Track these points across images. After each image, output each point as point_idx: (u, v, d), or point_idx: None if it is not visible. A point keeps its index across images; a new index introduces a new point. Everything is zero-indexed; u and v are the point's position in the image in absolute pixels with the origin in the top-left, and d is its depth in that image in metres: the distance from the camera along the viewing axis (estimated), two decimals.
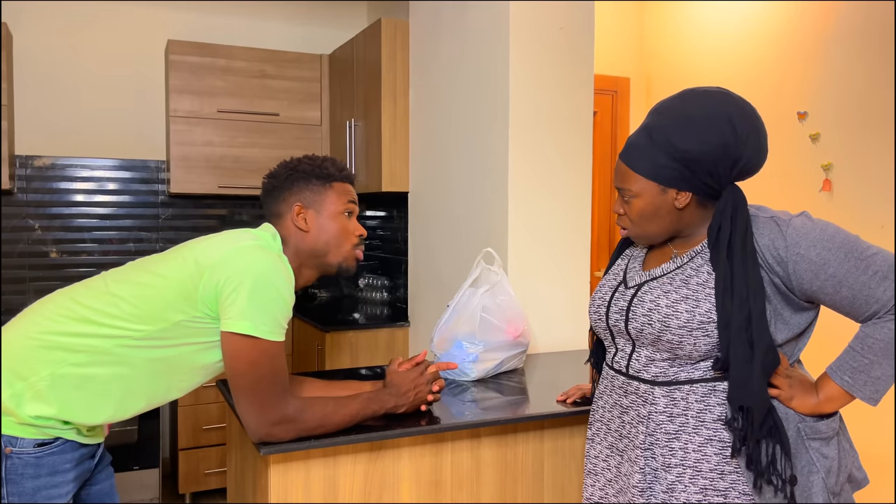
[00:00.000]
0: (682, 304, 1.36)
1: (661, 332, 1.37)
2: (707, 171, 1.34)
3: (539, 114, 2.54)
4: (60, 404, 1.46)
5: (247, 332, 1.44)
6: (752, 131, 1.34)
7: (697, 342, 1.34)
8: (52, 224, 3.69)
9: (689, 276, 1.39)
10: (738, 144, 1.33)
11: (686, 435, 1.37)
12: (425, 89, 3.13)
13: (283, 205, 1.66)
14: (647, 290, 1.43)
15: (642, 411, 1.43)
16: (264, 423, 1.48)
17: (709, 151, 1.33)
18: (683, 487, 1.37)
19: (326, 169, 1.68)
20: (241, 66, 3.71)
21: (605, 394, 1.54)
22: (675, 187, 1.37)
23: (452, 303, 2.19)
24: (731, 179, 1.37)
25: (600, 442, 1.55)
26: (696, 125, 1.33)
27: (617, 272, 1.56)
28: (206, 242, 1.56)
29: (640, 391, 1.44)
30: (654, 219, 1.41)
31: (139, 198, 3.86)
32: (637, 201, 1.41)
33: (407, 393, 1.68)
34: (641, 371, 1.44)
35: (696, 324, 1.34)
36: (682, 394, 1.39)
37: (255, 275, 1.45)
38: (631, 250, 1.59)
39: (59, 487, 1.50)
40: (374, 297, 3.87)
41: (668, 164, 1.35)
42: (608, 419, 1.52)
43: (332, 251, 1.67)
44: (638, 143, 1.40)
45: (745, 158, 1.34)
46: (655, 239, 1.46)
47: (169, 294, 1.49)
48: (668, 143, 1.35)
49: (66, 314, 1.50)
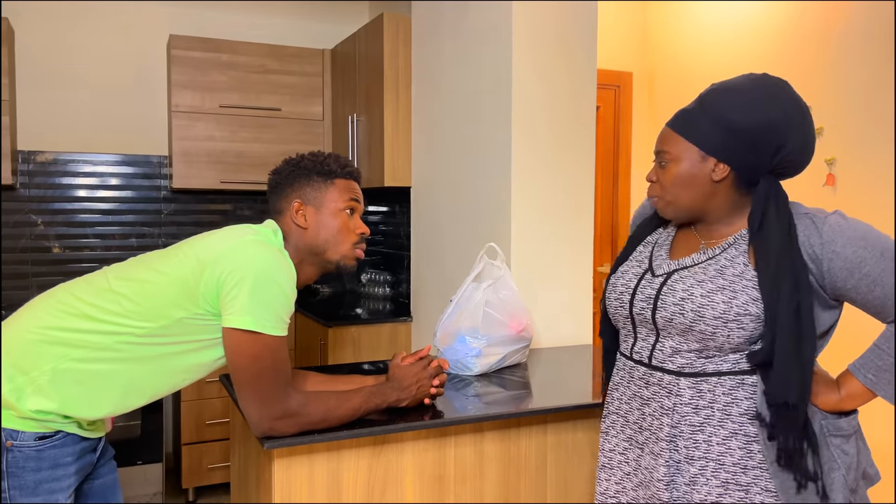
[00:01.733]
0: (718, 294, 1.34)
1: (693, 321, 1.35)
2: (750, 148, 1.33)
3: (542, 108, 2.53)
4: (61, 399, 1.46)
5: (249, 327, 1.44)
6: (802, 123, 1.34)
7: (732, 334, 1.32)
8: (54, 219, 3.69)
9: (724, 267, 1.37)
10: (787, 130, 1.32)
11: (711, 427, 1.36)
12: (427, 84, 3.12)
13: (284, 201, 1.66)
14: (679, 278, 1.40)
15: (666, 403, 1.40)
16: (267, 418, 1.48)
17: (756, 126, 1.32)
18: (705, 480, 1.36)
19: (328, 165, 1.67)
20: (243, 61, 3.70)
21: (622, 385, 1.51)
22: (716, 156, 1.36)
23: (455, 298, 2.19)
24: (772, 167, 1.36)
25: (616, 435, 1.52)
26: (749, 98, 1.33)
27: (641, 259, 1.52)
28: (208, 239, 1.55)
29: (664, 382, 1.41)
30: (688, 187, 1.39)
31: (141, 193, 3.86)
32: (674, 166, 1.39)
33: (409, 387, 1.68)
34: (666, 361, 1.41)
35: (733, 315, 1.32)
36: (709, 386, 1.37)
37: (256, 270, 1.45)
38: (653, 236, 1.56)
39: (60, 481, 1.50)
40: (377, 292, 3.87)
41: (714, 131, 1.35)
42: (626, 411, 1.50)
43: (331, 249, 1.65)
44: (688, 110, 1.40)
45: (789, 146, 1.33)
46: (683, 211, 1.43)
47: (170, 291, 1.49)
48: (718, 111, 1.35)
49: (67, 310, 1.50)
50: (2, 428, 1.45)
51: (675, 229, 1.53)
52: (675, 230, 1.53)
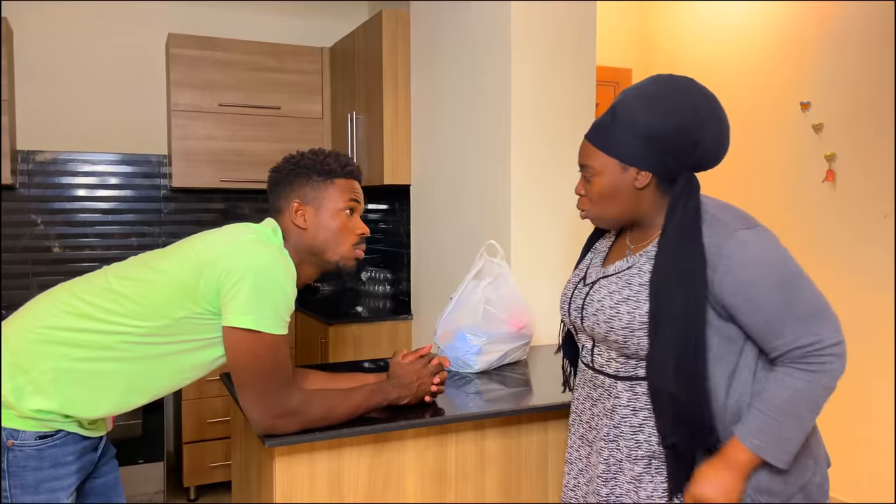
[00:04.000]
0: (623, 305, 1.37)
1: (607, 332, 1.40)
2: (666, 150, 1.34)
3: (541, 105, 2.53)
4: (62, 398, 1.47)
5: (249, 326, 1.44)
6: (713, 118, 1.35)
7: (641, 342, 1.35)
8: (54, 219, 3.69)
9: (633, 276, 1.40)
10: (699, 127, 1.33)
11: (650, 428, 1.39)
12: (426, 81, 3.12)
13: (283, 200, 1.65)
14: (598, 288, 1.45)
15: (607, 404, 1.45)
16: (268, 416, 1.48)
17: (669, 129, 1.33)
18: (651, 478, 1.39)
19: (328, 165, 1.65)
20: (241, 59, 3.70)
21: (580, 385, 1.57)
22: (636, 165, 1.37)
23: (455, 295, 2.19)
24: (691, 165, 1.37)
25: (574, 432, 1.57)
26: (658, 103, 1.35)
27: (582, 268, 1.58)
28: (207, 238, 1.55)
29: (606, 385, 1.46)
30: (614, 198, 1.41)
31: (141, 192, 3.86)
32: (598, 179, 1.41)
33: (410, 384, 1.68)
34: (605, 366, 1.46)
35: (637, 325, 1.35)
36: (643, 388, 1.39)
37: (256, 269, 1.45)
38: (599, 244, 1.60)
39: (61, 480, 1.50)
40: (377, 291, 3.87)
41: (630, 141, 1.36)
42: (580, 410, 1.55)
43: (331, 249, 1.64)
44: (603, 122, 1.41)
45: (704, 143, 1.35)
46: (613, 222, 1.46)
47: (170, 291, 1.49)
48: (631, 120, 1.36)
49: (67, 309, 1.50)
50: (2, 427, 1.45)
51: (614, 236, 1.56)
52: (614, 237, 1.56)
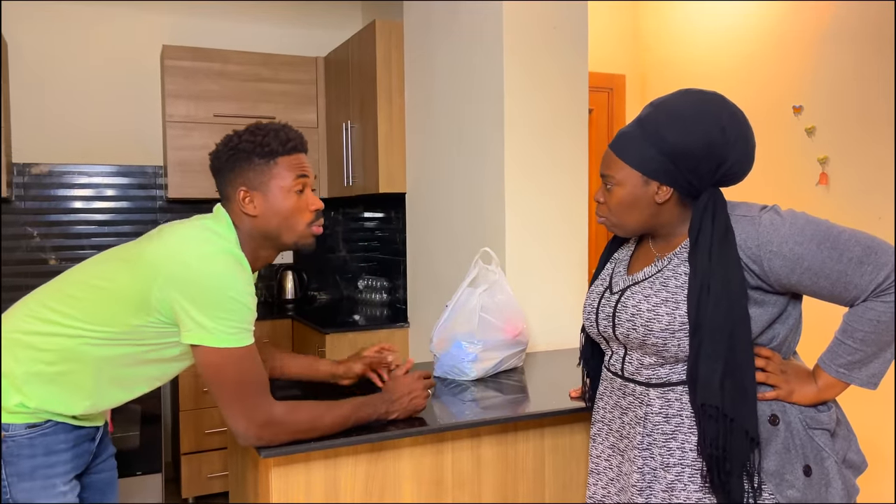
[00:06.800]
0: (661, 307, 1.37)
1: (645, 336, 1.39)
2: (691, 169, 1.35)
3: (534, 112, 2.54)
4: (38, 398, 1.49)
5: (205, 342, 1.42)
6: (741, 137, 1.35)
7: (681, 343, 1.35)
8: (50, 231, 3.69)
9: (668, 279, 1.40)
10: (725, 146, 1.34)
11: (682, 435, 1.38)
12: (420, 90, 3.13)
13: (229, 188, 1.58)
14: (630, 294, 1.44)
15: (639, 412, 1.44)
16: (252, 427, 1.46)
17: (695, 148, 1.33)
18: (683, 486, 1.38)
19: (269, 145, 1.54)
20: (236, 69, 3.71)
21: (606, 394, 1.56)
22: (658, 180, 1.37)
23: (451, 303, 2.19)
24: (714, 182, 1.37)
25: (602, 442, 1.56)
26: (687, 121, 1.34)
27: (604, 277, 1.57)
28: (156, 243, 1.49)
29: (637, 393, 1.45)
30: (633, 210, 1.41)
31: (137, 203, 3.86)
32: (618, 189, 1.41)
33: (400, 398, 1.65)
34: (635, 374, 1.46)
35: (678, 325, 1.35)
36: (675, 395, 1.40)
37: (206, 286, 1.41)
38: (618, 253, 1.60)
39: (55, 467, 1.51)
40: (374, 299, 3.88)
41: (655, 156, 1.36)
42: (609, 420, 1.54)
43: (285, 232, 1.57)
44: (628, 133, 1.42)
45: (730, 162, 1.35)
46: (631, 231, 1.47)
47: (123, 300, 1.47)
48: (658, 135, 1.36)
49: (34, 314, 1.52)
50: None
51: (635, 244, 1.57)
52: (635, 245, 1.56)
